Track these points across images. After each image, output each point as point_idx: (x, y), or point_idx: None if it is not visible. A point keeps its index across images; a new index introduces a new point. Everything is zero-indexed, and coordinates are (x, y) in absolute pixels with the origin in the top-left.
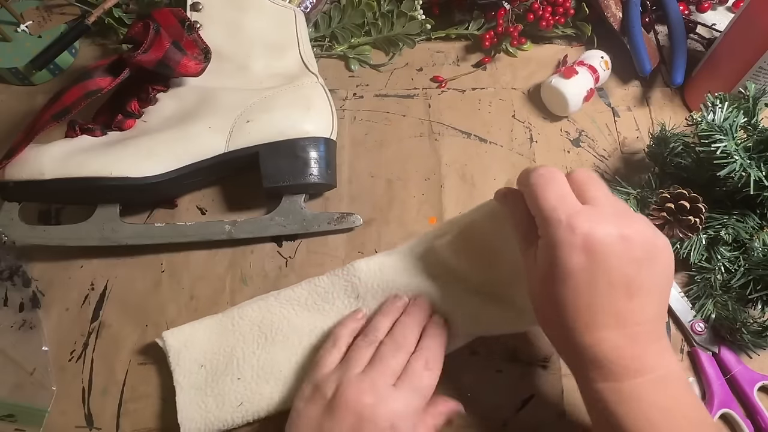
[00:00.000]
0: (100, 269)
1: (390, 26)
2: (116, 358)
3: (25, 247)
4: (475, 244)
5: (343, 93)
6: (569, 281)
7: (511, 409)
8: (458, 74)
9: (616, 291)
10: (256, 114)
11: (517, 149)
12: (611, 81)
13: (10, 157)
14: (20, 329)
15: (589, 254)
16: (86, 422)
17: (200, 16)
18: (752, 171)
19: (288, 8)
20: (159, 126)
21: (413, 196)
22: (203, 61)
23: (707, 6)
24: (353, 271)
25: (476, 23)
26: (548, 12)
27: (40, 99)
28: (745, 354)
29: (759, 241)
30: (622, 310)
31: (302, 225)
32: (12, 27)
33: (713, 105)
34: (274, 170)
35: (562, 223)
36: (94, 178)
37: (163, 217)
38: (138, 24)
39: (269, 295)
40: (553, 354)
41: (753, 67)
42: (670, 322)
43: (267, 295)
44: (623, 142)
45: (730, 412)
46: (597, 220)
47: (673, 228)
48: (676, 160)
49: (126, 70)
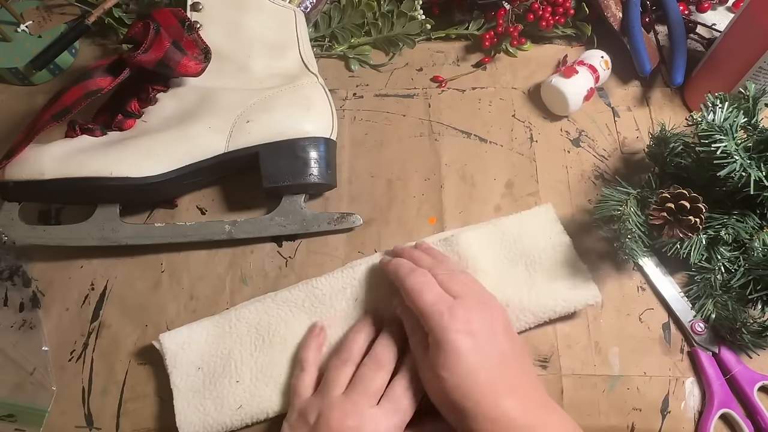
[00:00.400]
0: (100, 269)
1: (390, 26)
2: (116, 358)
3: (25, 247)
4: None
5: (343, 93)
6: (465, 362)
7: None
8: (458, 74)
9: (504, 362)
10: (256, 114)
11: (517, 149)
12: (611, 81)
13: (10, 157)
14: (20, 329)
15: (473, 336)
16: (86, 422)
17: (200, 16)
18: (752, 171)
19: (288, 8)
20: (159, 126)
21: (413, 196)
22: (203, 61)
23: (707, 6)
24: (352, 273)
25: (476, 23)
26: (548, 12)
27: (40, 99)
28: (745, 354)
29: (759, 241)
30: (514, 377)
31: (302, 225)
32: (12, 27)
33: (713, 105)
34: (274, 170)
35: (444, 314)
36: (94, 178)
37: (163, 217)
38: (138, 24)
39: (266, 297)
40: (553, 354)
41: (753, 67)
42: (670, 322)
43: (264, 296)
44: (623, 142)
45: (730, 412)
46: (469, 309)
47: (673, 228)
48: (676, 160)
49: (126, 70)
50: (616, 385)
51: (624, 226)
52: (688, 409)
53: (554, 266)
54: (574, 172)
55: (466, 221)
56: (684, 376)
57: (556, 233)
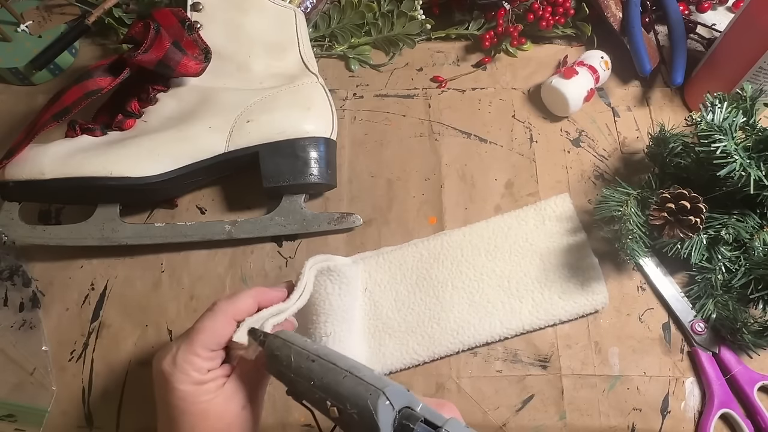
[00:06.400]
0: (100, 269)
1: (390, 26)
2: (116, 358)
3: (25, 247)
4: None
5: (343, 93)
6: None
7: (511, 409)
8: (458, 74)
9: None
10: (256, 114)
11: (517, 149)
12: (611, 81)
13: (11, 156)
14: (20, 329)
15: None
16: (86, 422)
17: (200, 16)
18: (752, 170)
19: (288, 8)
20: (159, 126)
21: (413, 196)
22: (203, 61)
23: (707, 6)
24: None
25: (476, 23)
26: (548, 12)
27: (40, 99)
28: (745, 354)
29: (759, 241)
30: None
31: (302, 225)
32: (12, 27)
33: (712, 105)
34: (274, 170)
35: None
36: (94, 178)
37: (163, 217)
38: (138, 24)
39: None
40: (553, 354)
41: (753, 67)
42: (670, 322)
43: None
44: (623, 142)
45: (730, 412)
46: None
47: (673, 228)
48: (676, 160)
49: (126, 70)
50: (616, 385)
51: (624, 226)
52: (688, 409)
53: (569, 264)
54: (574, 172)
55: (466, 221)
56: (684, 376)
57: (572, 228)
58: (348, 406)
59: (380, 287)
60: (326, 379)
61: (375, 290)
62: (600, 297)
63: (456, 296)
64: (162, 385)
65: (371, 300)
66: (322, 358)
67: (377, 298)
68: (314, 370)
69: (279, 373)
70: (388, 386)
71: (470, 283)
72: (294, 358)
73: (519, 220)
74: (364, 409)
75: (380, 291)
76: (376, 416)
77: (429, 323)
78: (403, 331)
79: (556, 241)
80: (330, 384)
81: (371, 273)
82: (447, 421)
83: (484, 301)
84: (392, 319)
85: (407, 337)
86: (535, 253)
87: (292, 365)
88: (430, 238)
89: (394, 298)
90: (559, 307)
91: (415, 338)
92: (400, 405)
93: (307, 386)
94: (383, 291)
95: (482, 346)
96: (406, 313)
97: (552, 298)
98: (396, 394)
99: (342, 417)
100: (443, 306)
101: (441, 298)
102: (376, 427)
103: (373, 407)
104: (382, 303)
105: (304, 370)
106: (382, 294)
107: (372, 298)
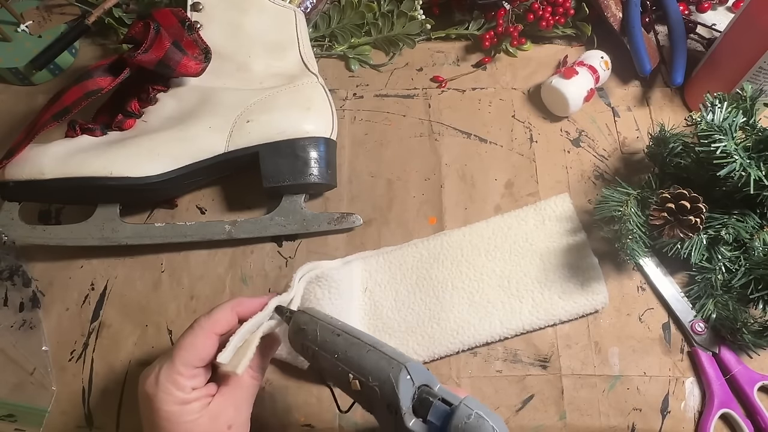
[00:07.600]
0: (100, 269)
1: (390, 26)
2: (116, 358)
3: (25, 247)
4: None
5: (343, 93)
6: None
7: (511, 409)
8: (458, 74)
9: None
10: (256, 114)
11: (517, 149)
12: (611, 81)
13: (11, 156)
14: (20, 329)
15: None
16: (86, 422)
17: (200, 16)
18: (752, 170)
19: (288, 8)
20: (159, 126)
21: (413, 196)
22: (203, 61)
23: (707, 6)
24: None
25: (476, 23)
26: (548, 12)
27: (40, 99)
28: (745, 354)
29: (759, 241)
30: None
31: (302, 225)
32: (12, 27)
33: (712, 105)
34: (274, 170)
35: None
36: (94, 178)
37: (163, 217)
38: (138, 24)
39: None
40: (553, 354)
41: (753, 67)
42: (670, 322)
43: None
44: (623, 142)
45: (730, 412)
46: None
47: (673, 228)
48: (676, 160)
49: (126, 70)
50: (616, 385)
51: (624, 226)
52: (688, 409)
53: (569, 265)
54: (574, 172)
55: (466, 221)
56: (684, 376)
57: (572, 228)
58: (370, 379)
59: (380, 287)
60: (350, 352)
61: (375, 290)
62: (600, 297)
63: (456, 296)
64: (147, 406)
65: (371, 300)
66: (346, 332)
67: (377, 298)
68: (338, 344)
69: (303, 348)
70: (409, 361)
71: (470, 283)
72: (320, 332)
73: (519, 220)
74: (386, 382)
75: (380, 291)
76: (397, 389)
77: (429, 323)
78: (403, 331)
79: (556, 241)
80: (353, 357)
81: (371, 273)
82: (464, 398)
83: (484, 301)
84: (392, 319)
85: (407, 337)
86: (535, 253)
87: (318, 339)
88: (430, 238)
89: (394, 298)
90: (559, 307)
91: (415, 338)
92: (420, 382)
93: (330, 360)
94: (383, 291)
95: (482, 346)
96: (406, 313)
97: (552, 298)
98: (417, 370)
99: (363, 390)
100: (443, 306)
101: (441, 298)
102: (396, 399)
103: (395, 380)
104: (382, 303)
105: (329, 344)
106: (382, 294)
107: (372, 298)
